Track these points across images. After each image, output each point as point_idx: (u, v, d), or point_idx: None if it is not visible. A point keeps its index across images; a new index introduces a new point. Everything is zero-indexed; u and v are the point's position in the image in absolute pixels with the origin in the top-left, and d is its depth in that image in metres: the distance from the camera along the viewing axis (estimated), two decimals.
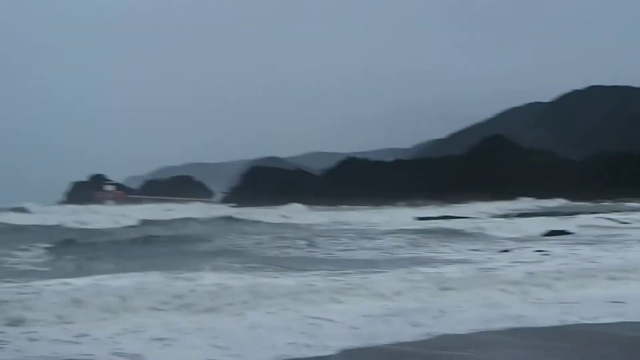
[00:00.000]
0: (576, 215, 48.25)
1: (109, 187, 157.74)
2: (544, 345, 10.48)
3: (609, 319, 12.39)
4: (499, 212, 61.07)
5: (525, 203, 79.92)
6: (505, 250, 24.69)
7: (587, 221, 41.40)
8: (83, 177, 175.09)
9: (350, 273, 17.93)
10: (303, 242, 29.21)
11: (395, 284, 15.37)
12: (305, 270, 18.84)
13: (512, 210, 66.80)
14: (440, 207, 76.56)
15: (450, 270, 17.39)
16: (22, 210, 63.10)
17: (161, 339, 11.07)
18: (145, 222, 45.83)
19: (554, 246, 25.45)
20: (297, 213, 61.76)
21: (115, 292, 14.07)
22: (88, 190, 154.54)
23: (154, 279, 16.85)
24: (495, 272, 17.74)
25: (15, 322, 11.60)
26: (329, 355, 9.91)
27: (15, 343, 10.79)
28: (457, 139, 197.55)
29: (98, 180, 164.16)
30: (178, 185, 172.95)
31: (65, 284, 15.25)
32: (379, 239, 30.69)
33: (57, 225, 42.49)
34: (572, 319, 12.54)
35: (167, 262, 21.66)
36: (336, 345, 10.57)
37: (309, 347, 10.43)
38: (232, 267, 19.36)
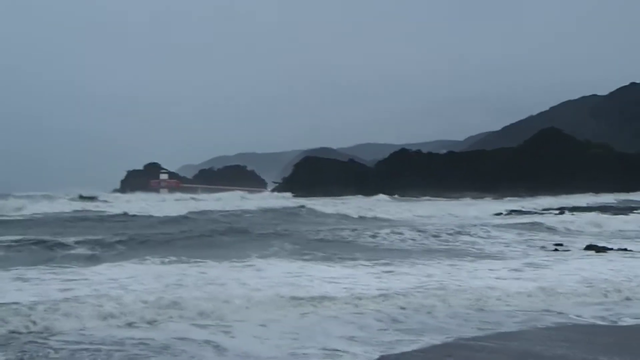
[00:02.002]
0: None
1: (164, 176, 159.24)
2: (586, 340, 10.74)
3: None
4: (561, 206, 60.44)
5: (586, 197, 78.44)
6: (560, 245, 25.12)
7: None
8: (139, 166, 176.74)
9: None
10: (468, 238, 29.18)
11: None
12: None
13: (588, 203, 66.08)
14: (497, 200, 76.29)
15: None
16: (93, 198, 66.55)
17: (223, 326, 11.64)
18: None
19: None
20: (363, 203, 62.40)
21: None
22: (143, 179, 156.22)
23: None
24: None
25: None
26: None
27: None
28: (511, 132, 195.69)
29: (153, 169, 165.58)
30: (231, 174, 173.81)
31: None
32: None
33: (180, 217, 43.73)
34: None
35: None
36: (384, 339, 10.86)
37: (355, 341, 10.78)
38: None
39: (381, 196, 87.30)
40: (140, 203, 61.70)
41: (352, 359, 9.80)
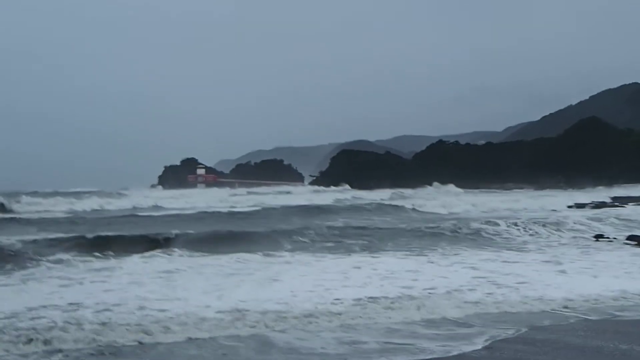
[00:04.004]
0: None
1: (201, 171, 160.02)
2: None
3: None
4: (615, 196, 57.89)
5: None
6: None
7: None
8: (176, 161, 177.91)
9: None
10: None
11: None
12: None
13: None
14: (539, 190, 74.32)
15: None
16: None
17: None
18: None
19: None
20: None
21: None
22: (180, 174, 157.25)
23: None
24: None
25: None
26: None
27: None
28: (550, 122, 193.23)
29: (190, 164, 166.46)
30: (268, 168, 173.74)
31: None
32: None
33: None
34: None
35: None
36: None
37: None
38: None
39: (451, 187, 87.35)
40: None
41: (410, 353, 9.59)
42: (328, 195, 66.69)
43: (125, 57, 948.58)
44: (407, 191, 73.98)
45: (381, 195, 64.81)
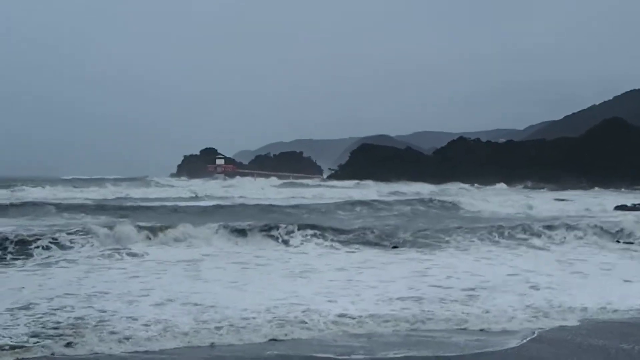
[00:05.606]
0: None
1: (220, 161, 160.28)
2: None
3: None
4: None
5: None
6: None
7: None
8: (196, 151, 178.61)
9: None
10: None
11: None
12: None
13: None
14: (558, 191, 73.16)
15: None
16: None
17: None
18: None
19: None
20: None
21: None
22: (199, 164, 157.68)
23: None
24: None
25: None
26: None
27: None
28: (573, 121, 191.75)
29: (209, 154, 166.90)
30: (287, 160, 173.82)
31: None
32: None
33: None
34: None
35: None
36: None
37: None
38: None
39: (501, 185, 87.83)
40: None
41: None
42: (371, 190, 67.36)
43: (148, 49, 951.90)
44: (448, 187, 75.07)
45: (420, 189, 65.74)
